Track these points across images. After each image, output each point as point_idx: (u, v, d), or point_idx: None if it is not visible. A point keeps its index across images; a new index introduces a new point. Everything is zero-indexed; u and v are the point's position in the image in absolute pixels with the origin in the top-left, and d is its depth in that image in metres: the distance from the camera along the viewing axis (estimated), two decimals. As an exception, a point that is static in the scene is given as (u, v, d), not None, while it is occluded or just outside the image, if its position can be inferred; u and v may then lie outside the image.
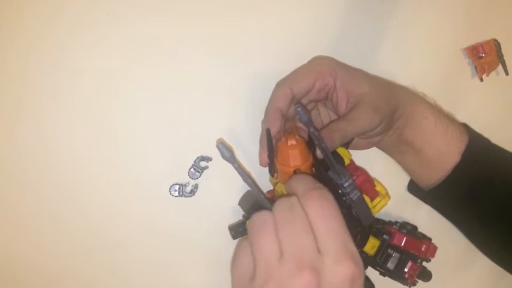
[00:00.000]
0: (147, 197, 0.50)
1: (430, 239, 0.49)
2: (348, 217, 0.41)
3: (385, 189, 0.45)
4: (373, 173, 0.51)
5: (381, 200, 0.44)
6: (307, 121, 0.33)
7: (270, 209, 0.32)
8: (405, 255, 0.46)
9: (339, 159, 0.43)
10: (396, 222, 0.51)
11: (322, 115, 0.49)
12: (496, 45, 0.54)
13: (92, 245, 0.50)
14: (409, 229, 0.49)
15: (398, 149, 0.49)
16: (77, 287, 0.51)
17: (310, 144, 0.39)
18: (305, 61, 0.47)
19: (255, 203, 0.45)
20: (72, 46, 0.47)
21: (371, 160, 0.50)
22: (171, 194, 0.49)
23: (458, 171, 0.47)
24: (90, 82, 0.48)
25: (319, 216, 0.30)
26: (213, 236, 0.50)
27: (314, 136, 0.35)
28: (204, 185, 0.50)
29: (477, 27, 0.54)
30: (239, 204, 0.48)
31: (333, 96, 0.45)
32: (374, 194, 0.44)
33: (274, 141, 0.41)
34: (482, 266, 0.56)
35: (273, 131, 0.41)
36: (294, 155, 0.38)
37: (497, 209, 0.48)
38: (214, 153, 0.49)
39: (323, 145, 0.36)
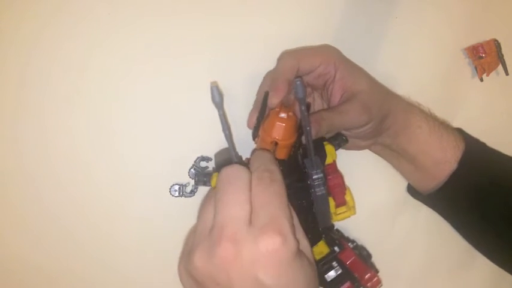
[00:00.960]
0: (147, 198, 0.50)
1: (377, 271, 0.48)
2: (307, 212, 0.40)
3: (354, 202, 0.44)
4: (373, 172, 0.52)
5: (345, 211, 0.43)
6: (302, 97, 0.32)
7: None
8: (346, 274, 0.45)
9: (321, 153, 0.42)
10: (354, 241, 0.50)
11: (316, 104, 0.49)
12: (496, 45, 0.54)
13: (92, 245, 0.50)
14: (363, 254, 0.48)
15: (394, 157, 0.50)
16: (77, 287, 0.51)
17: (301, 126, 0.38)
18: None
19: (226, 159, 0.44)
20: (73, 46, 0.47)
21: (372, 159, 0.50)
22: (171, 194, 0.49)
23: (456, 178, 0.47)
24: (90, 82, 0.48)
25: (261, 191, 0.31)
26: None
27: (302, 115, 0.34)
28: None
29: (477, 27, 0.54)
30: (214, 155, 0.48)
31: (329, 87, 0.45)
32: (341, 202, 0.43)
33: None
34: (482, 266, 0.56)
35: (276, 101, 0.40)
36: (279, 128, 0.37)
37: (496, 212, 0.48)
38: (214, 154, 0.50)
39: (308, 128, 0.35)
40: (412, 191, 0.53)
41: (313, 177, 0.38)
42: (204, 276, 0.29)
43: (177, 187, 0.49)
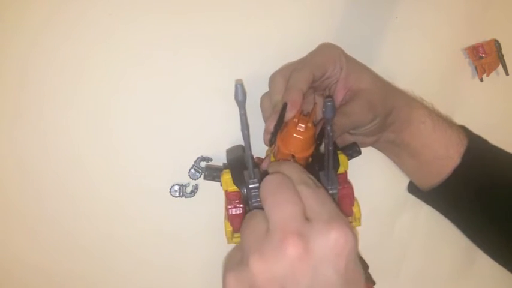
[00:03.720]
0: (147, 198, 0.50)
1: (373, 283, 0.48)
2: None
3: (360, 214, 0.44)
4: (373, 172, 0.51)
5: (350, 222, 0.43)
6: (331, 118, 0.32)
7: (250, 167, 0.34)
8: None
9: (335, 162, 0.42)
10: None
11: (318, 105, 0.48)
12: (497, 45, 0.54)
13: (92, 245, 0.50)
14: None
15: (396, 152, 0.50)
16: (77, 287, 0.51)
17: (319, 137, 0.38)
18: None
19: (238, 157, 0.44)
20: (73, 46, 0.47)
21: (372, 159, 0.50)
22: (171, 194, 0.49)
23: (458, 173, 0.47)
24: (90, 82, 0.48)
25: (312, 192, 0.30)
26: (213, 237, 0.50)
27: (327, 135, 0.34)
28: (205, 186, 0.50)
29: (477, 27, 0.54)
30: (226, 151, 0.47)
31: (332, 87, 0.45)
32: (348, 212, 0.43)
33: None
34: (482, 265, 0.56)
35: (292, 114, 0.39)
36: (296, 142, 0.37)
37: (498, 208, 0.48)
38: (215, 154, 0.50)
39: (330, 147, 0.35)
40: (413, 188, 0.53)
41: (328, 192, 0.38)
42: (266, 280, 0.27)
43: (177, 187, 0.49)
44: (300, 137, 0.36)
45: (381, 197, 0.54)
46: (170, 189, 0.49)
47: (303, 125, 0.36)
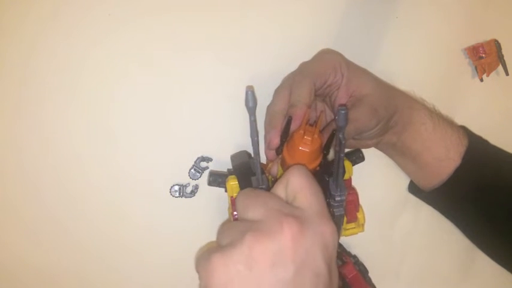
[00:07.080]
0: (147, 198, 0.50)
1: (374, 287, 0.48)
2: None
3: (364, 220, 0.44)
4: (374, 172, 0.51)
5: (354, 228, 0.43)
6: (343, 126, 0.32)
7: (258, 173, 0.35)
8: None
9: (343, 171, 0.42)
10: (355, 256, 0.50)
11: (318, 109, 0.48)
12: (497, 45, 0.54)
13: (92, 245, 0.50)
14: (361, 269, 0.48)
15: (397, 154, 0.50)
16: (77, 287, 0.51)
17: (327, 147, 0.38)
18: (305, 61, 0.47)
19: (244, 163, 0.44)
20: (73, 47, 0.47)
21: (372, 159, 0.50)
22: (171, 194, 0.49)
23: (459, 174, 0.47)
24: (90, 83, 0.48)
25: (298, 183, 0.31)
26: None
27: (339, 143, 0.33)
28: (205, 186, 0.50)
29: (477, 27, 0.54)
30: (231, 156, 0.47)
31: (334, 93, 0.45)
32: (352, 218, 0.43)
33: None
34: (482, 266, 0.56)
35: (296, 127, 0.39)
36: (302, 154, 0.36)
37: (499, 209, 0.48)
38: (215, 154, 0.50)
39: (342, 154, 0.34)
40: (414, 188, 0.53)
41: (336, 198, 0.38)
42: (260, 254, 0.27)
43: (177, 187, 0.49)
44: (306, 150, 0.36)
45: (381, 197, 0.54)
46: (170, 189, 0.49)
47: (309, 138, 0.36)
